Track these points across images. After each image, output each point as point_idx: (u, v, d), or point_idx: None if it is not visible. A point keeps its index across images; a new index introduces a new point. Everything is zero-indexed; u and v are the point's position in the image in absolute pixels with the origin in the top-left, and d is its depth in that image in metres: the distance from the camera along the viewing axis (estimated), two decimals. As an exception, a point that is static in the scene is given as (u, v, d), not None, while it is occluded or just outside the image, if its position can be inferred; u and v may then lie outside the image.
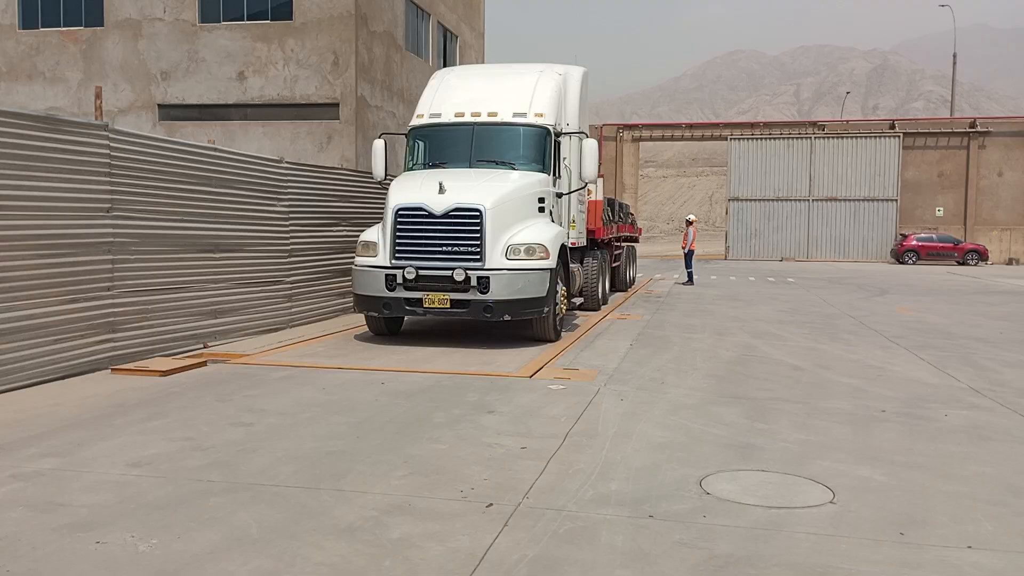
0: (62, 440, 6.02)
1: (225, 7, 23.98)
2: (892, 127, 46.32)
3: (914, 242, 40.53)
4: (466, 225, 10.56)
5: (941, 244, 40.47)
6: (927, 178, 45.79)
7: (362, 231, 11.96)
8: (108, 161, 8.91)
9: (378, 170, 12.42)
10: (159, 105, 24.47)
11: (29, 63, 25.13)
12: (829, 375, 9.20)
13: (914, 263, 39.75)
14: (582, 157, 12.08)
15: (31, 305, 7.95)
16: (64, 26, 24.93)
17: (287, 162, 12.60)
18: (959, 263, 39.52)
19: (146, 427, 6.44)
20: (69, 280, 8.41)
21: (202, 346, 10.31)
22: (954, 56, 54.19)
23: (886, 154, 43.77)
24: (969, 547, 4.24)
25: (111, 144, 8.95)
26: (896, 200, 43.58)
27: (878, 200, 43.76)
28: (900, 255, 40.48)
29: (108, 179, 8.91)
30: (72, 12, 24.91)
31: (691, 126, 55.00)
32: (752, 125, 52.29)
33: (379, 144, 12.45)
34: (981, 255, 39.90)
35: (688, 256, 23.79)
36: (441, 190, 10.64)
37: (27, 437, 6.08)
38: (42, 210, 8.09)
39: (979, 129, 45.47)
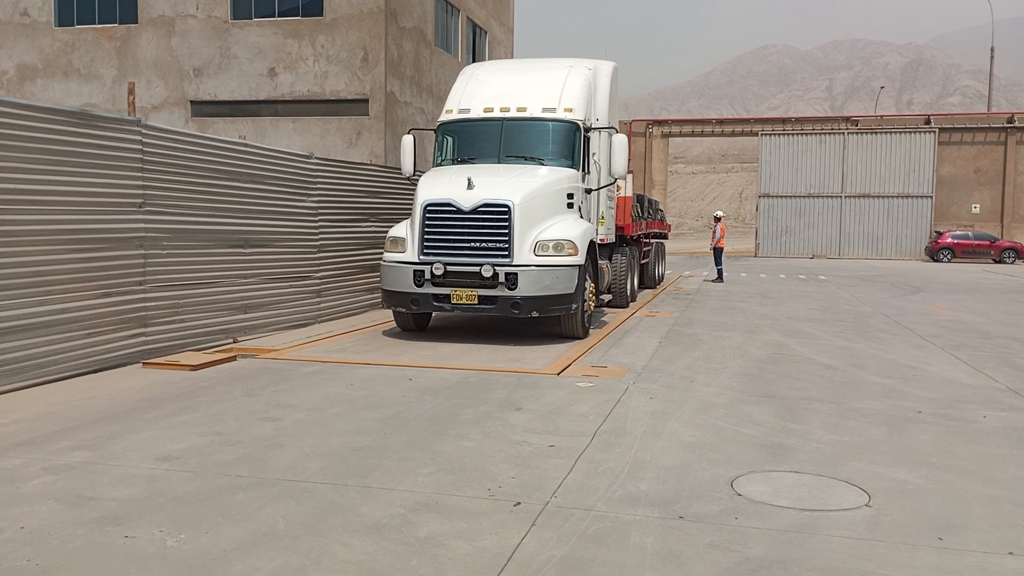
0: (93, 433, 6.07)
1: (257, 4, 24.16)
2: (927, 122, 45.58)
3: (949, 239, 39.78)
4: (494, 221, 10.52)
5: (977, 242, 39.67)
6: (963, 174, 45.02)
7: (391, 227, 11.97)
8: (140, 157, 8.98)
9: (407, 166, 12.43)
10: (191, 101, 24.74)
11: (65, 60, 25.52)
12: (863, 374, 9.04)
13: (949, 261, 39.04)
14: (612, 153, 12.00)
15: (64, 299, 8.04)
16: (99, 23, 25.28)
17: (317, 158, 12.63)
18: (995, 261, 38.76)
19: (176, 421, 6.48)
20: (101, 275, 8.50)
21: (232, 341, 10.37)
22: (991, 50, 53.14)
23: (921, 150, 42.93)
24: (1010, 553, 4.12)
25: (143, 140, 9.03)
26: (931, 197, 42.77)
27: (912, 196, 42.93)
28: (935, 253, 39.77)
29: (140, 175, 8.99)
30: (107, 9, 25.25)
31: (721, 122, 54.35)
32: (784, 121, 51.62)
33: (408, 140, 12.47)
34: (1018, 253, 39.04)
35: (717, 253, 23.57)
36: (470, 186, 10.60)
37: (59, 430, 6.15)
38: (75, 205, 8.18)
39: (1017, 124, 44.61)
